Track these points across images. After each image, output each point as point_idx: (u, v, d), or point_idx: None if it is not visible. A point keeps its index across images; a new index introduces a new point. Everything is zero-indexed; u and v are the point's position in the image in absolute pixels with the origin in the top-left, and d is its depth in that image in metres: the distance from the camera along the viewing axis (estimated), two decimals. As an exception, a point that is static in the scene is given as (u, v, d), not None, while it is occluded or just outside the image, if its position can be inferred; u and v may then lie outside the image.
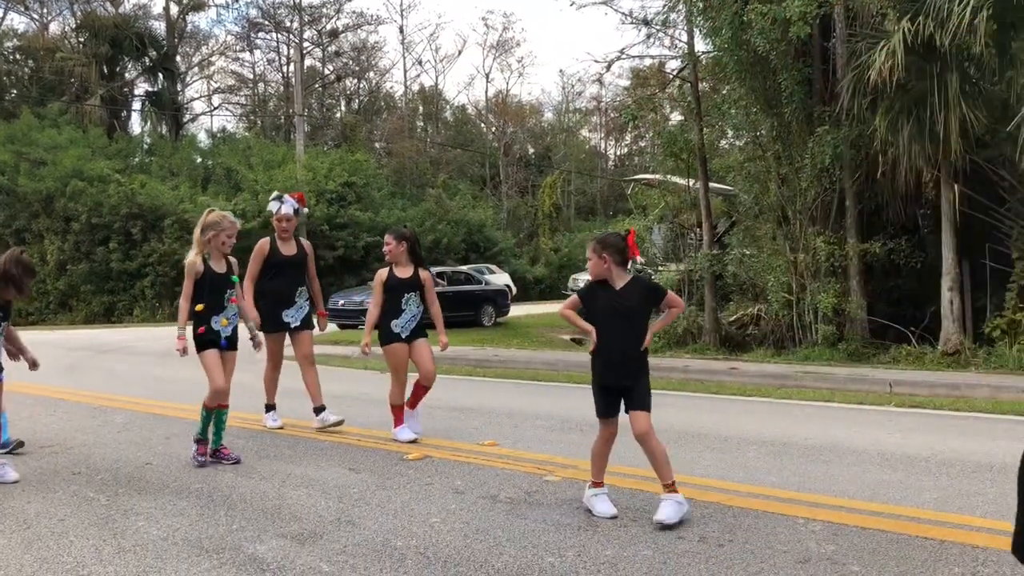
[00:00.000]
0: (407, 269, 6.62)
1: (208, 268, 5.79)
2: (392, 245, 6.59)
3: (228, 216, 5.92)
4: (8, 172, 31.84)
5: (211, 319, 5.76)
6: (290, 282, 7.15)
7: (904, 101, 11.01)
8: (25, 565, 3.86)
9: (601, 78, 47.39)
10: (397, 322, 6.51)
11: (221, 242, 5.84)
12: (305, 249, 7.29)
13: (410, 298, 6.56)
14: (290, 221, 7.11)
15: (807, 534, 4.12)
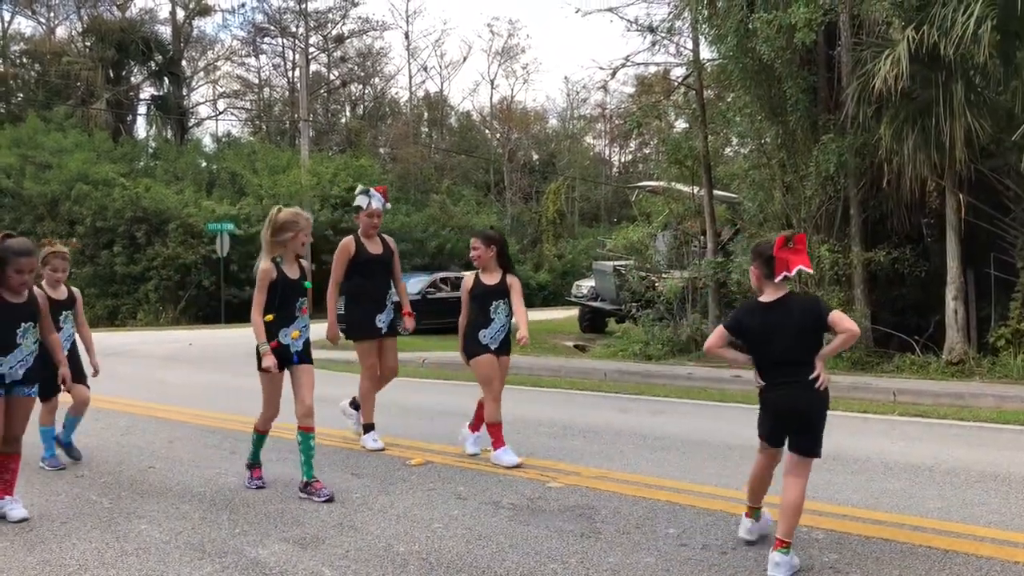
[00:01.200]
0: (494, 275, 6.04)
1: (281, 274, 5.06)
2: (480, 250, 6.00)
3: (303, 212, 5.21)
4: (14, 175, 31.95)
5: (280, 331, 5.08)
6: (380, 283, 6.61)
7: (909, 110, 11.00)
8: (28, 567, 3.86)
9: (606, 85, 47.53)
10: (486, 332, 5.96)
11: (300, 243, 5.17)
12: (391, 247, 6.73)
13: (499, 306, 5.98)
14: (380, 217, 6.58)
15: (810, 542, 4.11)
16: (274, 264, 5.05)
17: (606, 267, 18.87)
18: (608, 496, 5.00)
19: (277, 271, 5.05)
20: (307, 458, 5.08)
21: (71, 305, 5.98)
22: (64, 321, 5.79)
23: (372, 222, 6.57)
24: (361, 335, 6.58)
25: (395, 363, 6.78)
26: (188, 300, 30.68)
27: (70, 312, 5.95)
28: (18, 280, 4.44)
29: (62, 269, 5.81)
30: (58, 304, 5.68)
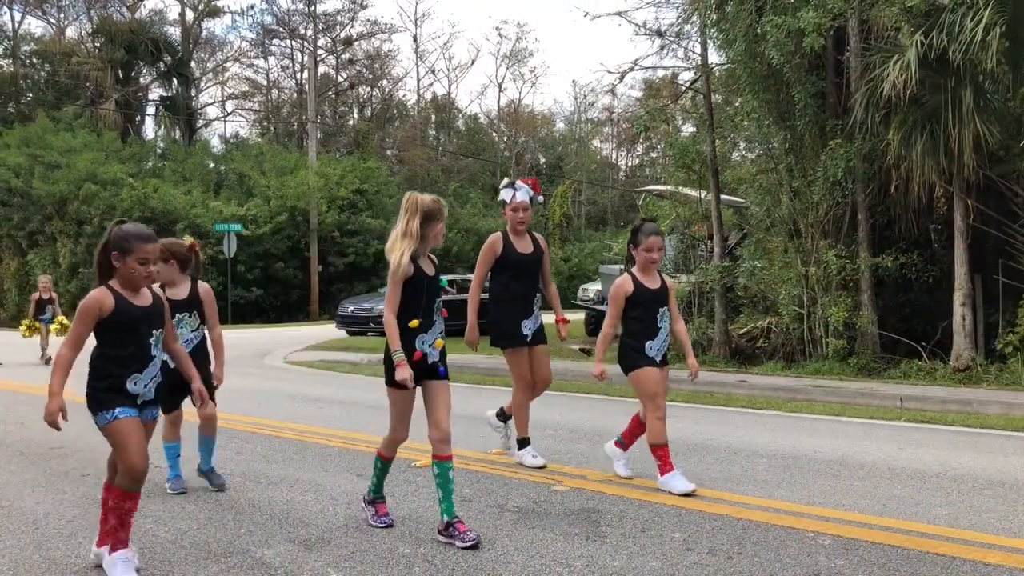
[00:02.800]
0: (655, 278, 5.33)
1: (419, 270, 4.30)
2: (664, 251, 5.36)
3: (439, 199, 4.50)
4: (23, 175, 32.08)
5: (418, 339, 4.31)
6: (528, 285, 5.98)
7: (918, 115, 10.98)
8: (34, 565, 3.87)
9: (614, 89, 47.61)
10: (652, 344, 5.24)
11: (440, 234, 4.45)
12: (541, 245, 6.10)
13: (664, 314, 5.28)
14: (527, 211, 5.93)
15: (817, 548, 4.09)
16: (411, 259, 4.29)
17: (613, 271, 18.83)
18: (613, 500, 5.00)
19: (414, 267, 4.29)
20: (446, 493, 4.24)
21: (194, 306, 5.28)
22: (181, 325, 5.16)
23: (518, 216, 5.91)
24: (508, 342, 5.97)
25: (548, 373, 6.09)
26: (195, 300, 30.71)
27: (190, 314, 5.27)
28: (143, 273, 3.69)
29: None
30: (176, 305, 5.07)
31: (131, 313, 3.67)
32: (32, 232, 32.99)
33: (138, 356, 3.72)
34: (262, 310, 31.78)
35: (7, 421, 8.02)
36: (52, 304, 14.55)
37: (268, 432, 7.38)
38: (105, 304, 3.62)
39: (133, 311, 3.68)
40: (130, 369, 3.70)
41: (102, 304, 3.62)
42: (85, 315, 3.63)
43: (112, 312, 3.63)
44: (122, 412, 3.64)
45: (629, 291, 5.24)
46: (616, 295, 5.28)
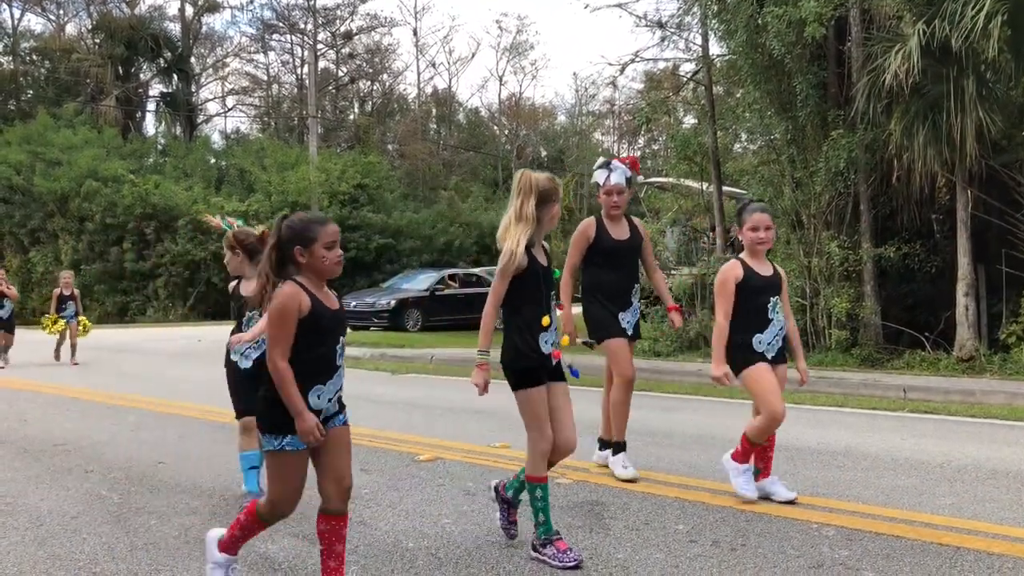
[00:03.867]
0: (766, 263, 4.80)
1: (534, 260, 3.81)
2: (772, 231, 4.75)
3: (555, 178, 4.02)
4: (24, 172, 32.06)
5: (541, 337, 3.84)
6: (625, 275, 5.44)
7: (920, 105, 10.95)
8: (38, 562, 3.87)
9: (615, 81, 47.40)
10: (762, 337, 4.67)
11: (552, 216, 3.96)
12: (640, 231, 5.52)
13: (776, 304, 4.73)
14: (622, 194, 5.34)
15: (820, 539, 4.09)
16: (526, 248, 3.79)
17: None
18: (617, 492, 5.00)
19: (529, 257, 3.78)
20: (545, 504, 3.81)
21: None
22: (252, 323, 4.59)
23: (612, 200, 5.36)
24: (605, 334, 5.44)
25: (633, 370, 5.50)
26: (197, 297, 30.75)
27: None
28: (335, 258, 3.23)
29: None
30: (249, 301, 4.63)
31: (325, 315, 3.22)
32: (34, 229, 32.98)
33: (324, 366, 3.23)
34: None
35: (9, 418, 8.03)
36: (74, 300, 13.98)
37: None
38: (304, 303, 3.15)
39: (326, 313, 3.23)
40: (314, 381, 3.19)
41: (301, 302, 3.14)
42: (286, 315, 3.11)
43: (309, 313, 3.16)
44: (290, 443, 3.16)
45: (739, 276, 4.68)
46: (725, 282, 4.71)
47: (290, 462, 3.20)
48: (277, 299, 3.16)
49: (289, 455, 3.18)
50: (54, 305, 13.90)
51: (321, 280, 3.27)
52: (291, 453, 3.18)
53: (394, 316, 20.11)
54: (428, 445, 6.45)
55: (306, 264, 3.22)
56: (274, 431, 3.18)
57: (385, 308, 20.27)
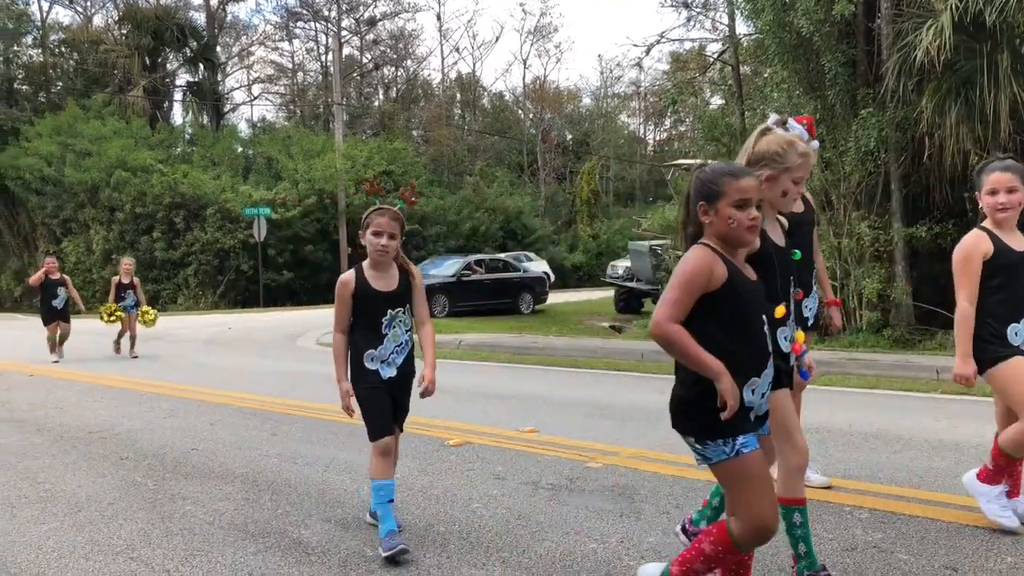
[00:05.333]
0: (1018, 236, 3.95)
1: (764, 238, 2.98)
2: (1020, 192, 3.81)
3: (798, 143, 3.26)
4: (55, 163, 32.48)
5: (779, 332, 3.01)
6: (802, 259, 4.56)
7: (952, 82, 10.77)
8: (77, 547, 3.94)
9: (640, 62, 47.23)
10: (1019, 328, 3.82)
11: (783, 191, 3.19)
12: (812, 206, 4.48)
13: None
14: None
15: (853, 522, 4.06)
16: None
17: (642, 247, 18.78)
18: (647, 476, 4.99)
19: (761, 236, 2.96)
20: (806, 532, 3.18)
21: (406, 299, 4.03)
22: (394, 324, 3.94)
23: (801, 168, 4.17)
24: None
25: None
26: (227, 284, 31.05)
27: (404, 309, 4.01)
28: (744, 221, 2.66)
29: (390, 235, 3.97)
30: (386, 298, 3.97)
31: (745, 288, 2.70)
32: (66, 220, 33.45)
33: (754, 353, 2.69)
34: (293, 292, 32.02)
35: (46, 406, 8.16)
36: (134, 289, 13.18)
37: (303, 413, 7.45)
38: (718, 271, 2.62)
39: (747, 285, 2.71)
40: (747, 373, 2.64)
41: (714, 270, 2.62)
42: (692, 283, 2.61)
43: (725, 284, 2.64)
44: (746, 443, 2.63)
45: (987, 252, 3.83)
46: (968, 258, 3.87)
47: (754, 463, 2.64)
48: (686, 262, 2.65)
49: (749, 457, 2.63)
50: (112, 294, 13.18)
51: (730, 247, 2.70)
52: (749, 453, 2.63)
53: (421, 302, 20.16)
54: (457, 430, 6.47)
55: (711, 225, 2.69)
56: (716, 435, 2.61)
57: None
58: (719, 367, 2.51)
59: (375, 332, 3.89)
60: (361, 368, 3.89)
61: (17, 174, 33.03)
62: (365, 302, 3.90)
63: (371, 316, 3.90)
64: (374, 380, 3.88)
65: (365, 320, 3.91)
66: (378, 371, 3.89)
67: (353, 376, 3.92)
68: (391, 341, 3.91)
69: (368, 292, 3.90)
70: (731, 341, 2.62)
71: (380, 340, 3.89)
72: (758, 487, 2.64)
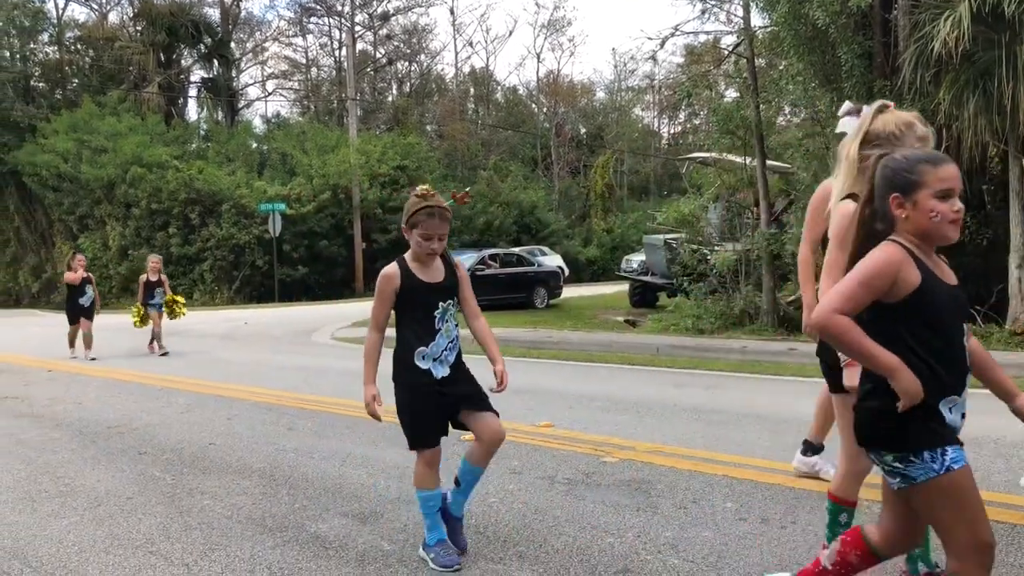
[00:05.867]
0: None
1: None
2: None
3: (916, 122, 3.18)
4: (71, 160, 32.68)
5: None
6: None
7: (970, 73, 10.67)
8: (98, 541, 3.97)
9: (655, 55, 47.01)
10: None
11: None
12: None
13: None
14: None
15: (872, 516, 4.03)
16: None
17: (657, 241, 18.72)
18: (663, 470, 4.98)
19: None
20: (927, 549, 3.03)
21: (455, 291, 3.72)
22: (446, 318, 3.64)
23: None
24: None
25: None
26: (242, 280, 31.19)
27: (454, 302, 3.71)
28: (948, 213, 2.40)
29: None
30: (433, 290, 3.64)
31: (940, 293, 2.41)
32: (82, 216, 33.67)
33: (953, 365, 2.43)
34: (308, 288, 32.14)
35: (65, 401, 8.22)
36: (162, 287, 12.98)
37: (319, 408, 7.47)
38: (910, 275, 2.35)
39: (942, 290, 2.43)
40: (946, 390, 2.41)
41: (903, 271, 2.34)
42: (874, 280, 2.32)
43: (917, 290, 2.34)
44: (956, 457, 2.34)
45: None
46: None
47: (965, 480, 2.34)
48: (873, 257, 2.33)
49: (961, 473, 2.33)
50: (141, 293, 12.96)
51: (929, 245, 2.40)
52: (959, 469, 2.33)
53: (436, 296, 20.19)
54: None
55: (908, 220, 2.38)
56: (922, 445, 2.33)
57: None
58: (894, 361, 2.26)
59: (427, 327, 3.54)
60: (411, 368, 3.52)
61: (34, 171, 33.26)
62: (414, 295, 3.56)
63: (423, 310, 3.56)
64: (426, 381, 3.52)
65: (416, 314, 3.57)
66: (430, 370, 3.53)
67: (399, 377, 3.58)
68: (444, 337, 3.58)
69: (416, 284, 3.56)
70: (926, 354, 2.32)
71: (432, 336, 3.55)
72: (973, 504, 2.32)
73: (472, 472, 3.68)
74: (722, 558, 3.54)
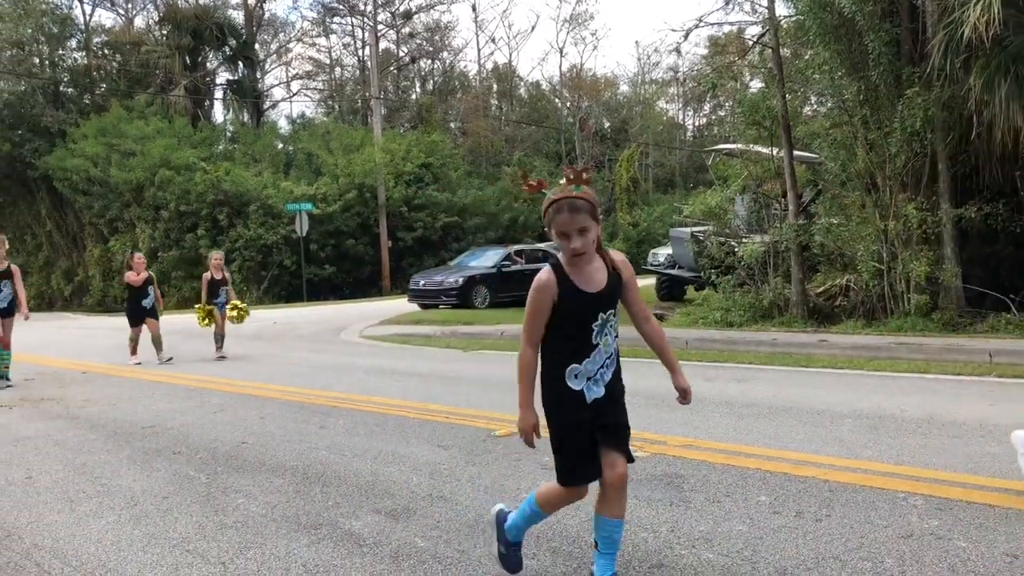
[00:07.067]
0: None
1: None
2: None
3: None
4: (100, 164, 33.09)
5: None
6: None
7: (1001, 58, 10.50)
8: (135, 540, 4.01)
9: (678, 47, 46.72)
10: None
11: None
12: None
13: None
14: None
15: (908, 508, 3.99)
16: None
17: (683, 234, 18.60)
18: (696, 464, 4.95)
19: None
20: None
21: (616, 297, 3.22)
22: (606, 330, 3.12)
23: None
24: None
25: None
26: (270, 280, 31.42)
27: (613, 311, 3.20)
28: None
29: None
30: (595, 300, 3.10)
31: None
32: (112, 219, 34.09)
33: None
34: (335, 287, 32.32)
35: (100, 402, 8.33)
36: (226, 286, 12.52)
37: (349, 406, 7.51)
38: None
39: None
40: None
41: None
42: None
43: None
44: None
45: None
46: None
47: None
48: None
49: None
50: (204, 292, 12.50)
51: None
52: None
53: (462, 294, 20.24)
54: (503, 420, 6.47)
55: None
56: None
57: (453, 286, 20.40)
58: None
59: (583, 342, 3.05)
60: (562, 388, 3.07)
61: (64, 175, 33.71)
62: (571, 307, 3.03)
63: (579, 323, 3.05)
64: (578, 404, 3.06)
65: (570, 328, 3.05)
66: (583, 392, 3.06)
67: (548, 400, 3.13)
68: (601, 353, 3.07)
69: (575, 295, 3.03)
70: None
71: (588, 352, 3.06)
72: None
73: (605, 526, 3.17)
74: (757, 552, 3.52)
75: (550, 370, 3.09)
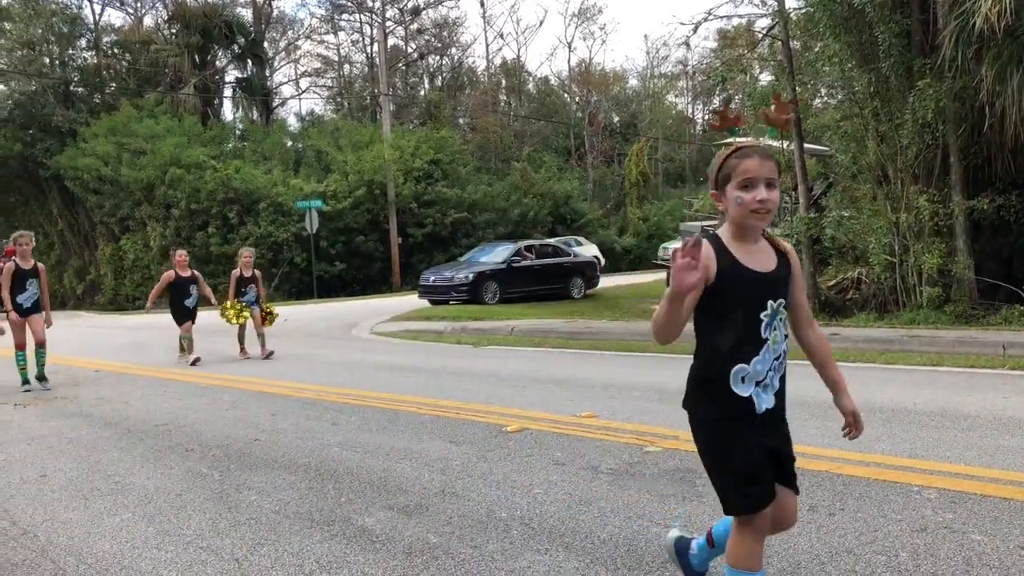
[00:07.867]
0: None
1: None
2: None
3: None
4: (111, 163, 33.22)
5: None
6: None
7: (1013, 48, 10.43)
8: (149, 537, 4.03)
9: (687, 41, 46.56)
10: None
11: None
12: None
13: None
14: None
15: (922, 502, 3.98)
16: None
17: (693, 228, 18.56)
18: (708, 459, 4.93)
19: None
20: None
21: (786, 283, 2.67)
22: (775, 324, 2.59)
23: None
24: None
25: None
26: (281, 277, 31.50)
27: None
28: None
29: None
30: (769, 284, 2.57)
31: None
32: (123, 218, 34.22)
33: None
34: (346, 283, 32.38)
35: (113, 400, 8.36)
36: (255, 283, 12.19)
37: (361, 402, 7.52)
38: None
39: None
40: None
41: None
42: None
43: None
44: None
45: None
46: None
47: None
48: None
49: None
50: (232, 289, 12.15)
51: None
52: None
53: (473, 289, 20.25)
54: (515, 416, 6.48)
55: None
56: None
57: (464, 282, 20.42)
58: None
59: (750, 334, 2.47)
60: (724, 394, 2.47)
61: (76, 174, 33.86)
62: (735, 289, 2.45)
63: (745, 310, 2.46)
64: (748, 415, 2.48)
65: (735, 316, 2.46)
66: (752, 399, 2.48)
67: (703, 409, 2.54)
68: (770, 351, 2.50)
69: (740, 272, 2.45)
70: None
71: (757, 348, 2.47)
72: None
73: None
74: (770, 546, 3.51)
75: (708, 369, 2.49)
